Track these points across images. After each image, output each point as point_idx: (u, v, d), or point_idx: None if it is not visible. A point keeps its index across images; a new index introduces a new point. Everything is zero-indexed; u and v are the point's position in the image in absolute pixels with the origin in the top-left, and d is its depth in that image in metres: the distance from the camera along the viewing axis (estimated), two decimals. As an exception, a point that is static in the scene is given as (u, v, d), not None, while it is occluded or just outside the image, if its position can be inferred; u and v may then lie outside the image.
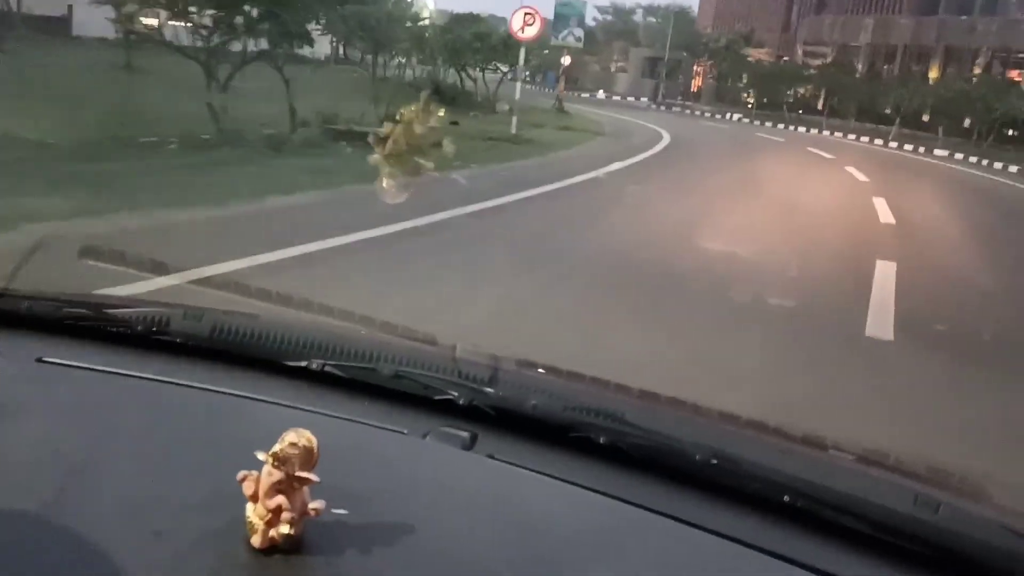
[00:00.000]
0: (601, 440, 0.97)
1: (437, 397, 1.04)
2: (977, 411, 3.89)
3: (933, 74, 40.01)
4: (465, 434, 0.99)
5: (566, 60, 60.63)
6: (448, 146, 1.15)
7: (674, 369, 3.77)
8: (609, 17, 64.11)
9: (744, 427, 1.07)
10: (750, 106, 47.40)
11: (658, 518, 0.87)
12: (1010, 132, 30.08)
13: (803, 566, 0.82)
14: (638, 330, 4.46)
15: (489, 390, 1.03)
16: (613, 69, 63.68)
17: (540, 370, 1.16)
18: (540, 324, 4.44)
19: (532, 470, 0.93)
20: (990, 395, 4.18)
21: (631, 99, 53.92)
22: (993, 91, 27.68)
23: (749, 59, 45.10)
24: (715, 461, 0.92)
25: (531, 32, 16.23)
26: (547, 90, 63.78)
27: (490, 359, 1.10)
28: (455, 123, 12.81)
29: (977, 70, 38.88)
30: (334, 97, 13.19)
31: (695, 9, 67.37)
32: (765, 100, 43.15)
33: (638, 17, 62.22)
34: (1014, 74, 34.30)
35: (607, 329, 4.48)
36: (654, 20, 56.49)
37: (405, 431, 0.99)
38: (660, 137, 21.39)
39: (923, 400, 4.01)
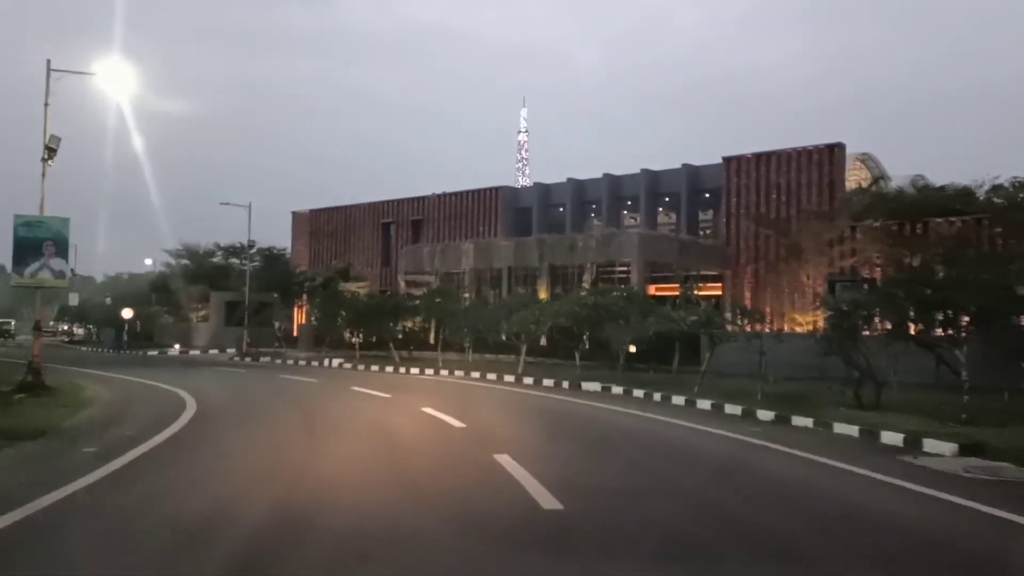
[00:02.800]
0: None
1: None
2: None
3: (543, 294, 36.63)
4: None
5: (127, 313, 49.98)
6: None
7: None
8: (185, 261, 55.07)
9: None
10: (356, 346, 40.56)
11: None
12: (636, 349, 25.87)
13: None
14: None
15: None
16: (196, 319, 53.94)
17: None
18: None
19: None
20: None
21: (214, 352, 44.41)
22: (626, 303, 23.14)
23: (346, 294, 38.52)
24: None
25: None
26: (105, 351, 52.04)
27: None
28: None
29: (586, 285, 36.02)
30: None
31: (289, 250, 61.03)
32: (373, 339, 36.60)
33: (218, 259, 54.06)
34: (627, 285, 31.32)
35: None
36: (238, 262, 48.69)
37: None
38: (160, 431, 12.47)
39: None
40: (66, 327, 71.32)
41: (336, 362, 32.24)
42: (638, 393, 19.70)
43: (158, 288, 56.82)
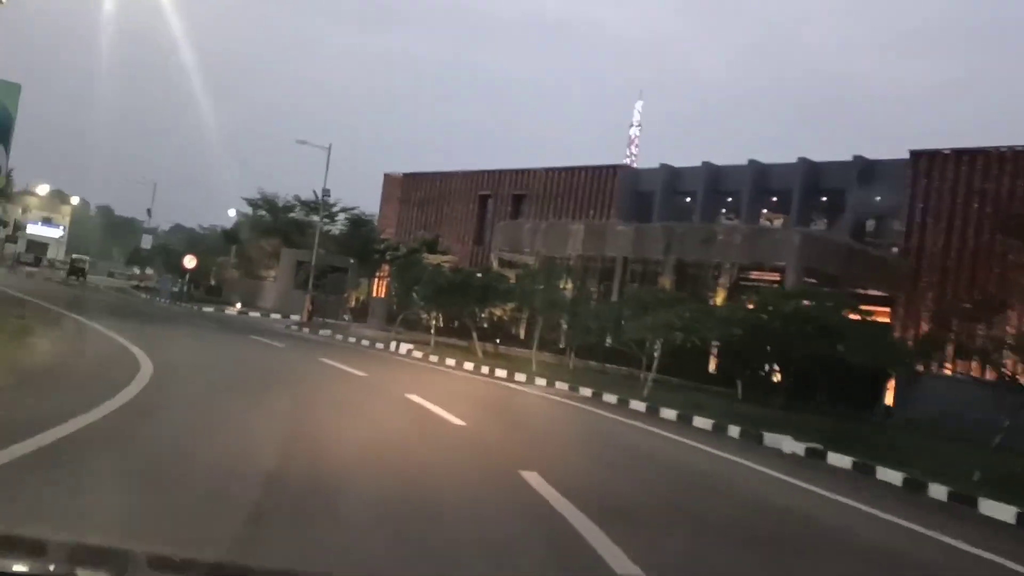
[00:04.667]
0: None
1: None
2: None
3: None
4: None
5: (189, 261, 45.04)
6: None
7: None
8: (263, 212, 49.89)
9: None
10: (432, 330, 34.37)
11: None
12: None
13: None
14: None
15: None
16: (268, 277, 48.79)
17: None
18: None
19: None
20: None
21: (275, 316, 38.91)
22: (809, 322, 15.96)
23: (427, 264, 32.28)
24: None
25: None
26: (161, 301, 47.41)
27: None
28: None
29: (722, 292, 28.81)
30: None
31: (376, 217, 55.43)
32: (455, 323, 30.41)
33: (297, 214, 48.68)
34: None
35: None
36: (318, 219, 43.17)
37: None
38: None
39: None
40: (138, 271, 67.59)
41: (405, 348, 25.97)
42: (891, 475, 11.54)
43: (231, 239, 52.01)
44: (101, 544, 1.83)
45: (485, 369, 21.84)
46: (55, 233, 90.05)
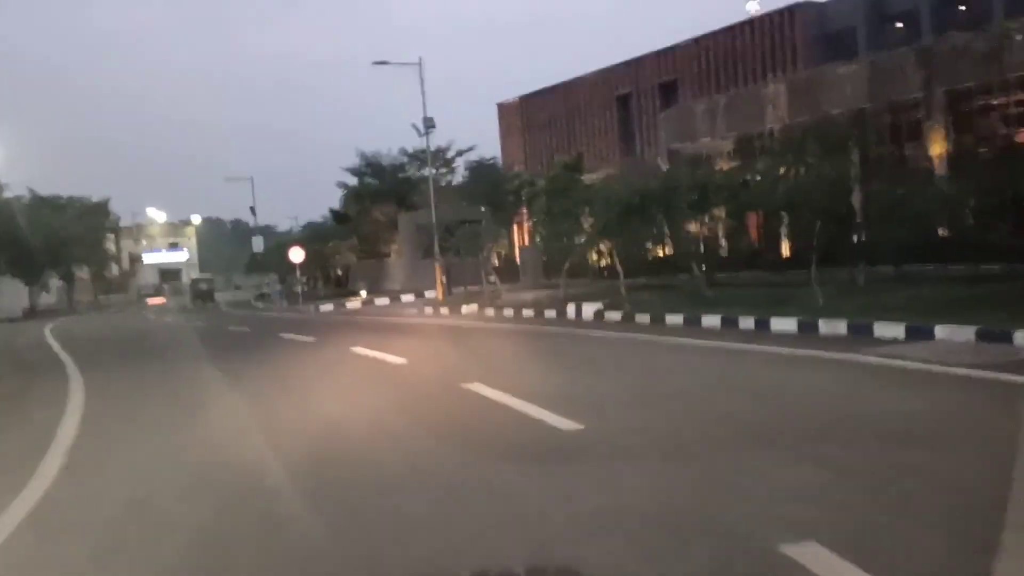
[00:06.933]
0: None
1: None
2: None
3: (937, 147, 19.49)
4: None
5: (296, 255, 37.58)
6: None
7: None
8: (369, 179, 42.07)
9: None
10: (605, 273, 25.48)
11: None
12: None
13: None
14: None
15: None
16: (390, 253, 41.12)
17: None
18: None
19: None
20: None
21: (407, 298, 31.06)
22: None
23: (590, 185, 23.21)
24: None
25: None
26: (280, 306, 40.51)
27: None
28: None
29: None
30: None
31: (499, 158, 46.42)
32: (647, 254, 21.73)
33: (409, 172, 40.53)
34: None
35: None
36: (434, 172, 34.67)
37: None
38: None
39: None
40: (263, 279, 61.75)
41: (588, 310, 17.07)
42: None
43: (341, 218, 44.67)
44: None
45: (747, 324, 12.69)
46: (182, 257, 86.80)
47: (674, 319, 14.39)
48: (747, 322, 12.83)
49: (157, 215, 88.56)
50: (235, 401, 9.44)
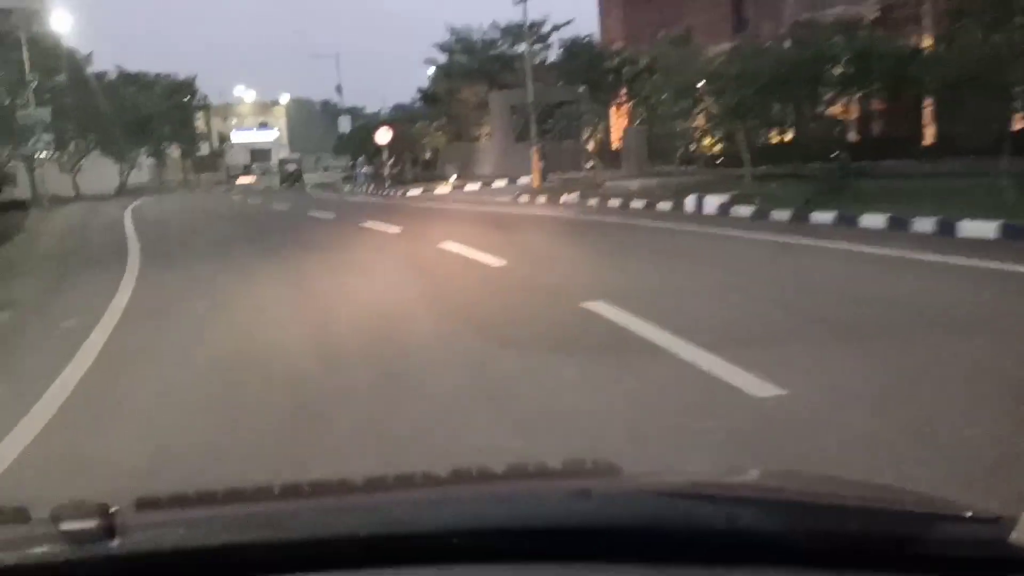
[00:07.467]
0: None
1: None
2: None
3: None
4: None
5: (382, 136, 35.48)
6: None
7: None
8: (460, 57, 39.52)
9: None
10: (718, 161, 22.93)
11: None
12: None
13: None
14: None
15: None
16: (482, 136, 38.91)
17: None
18: None
19: None
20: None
21: (499, 184, 29.11)
22: None
23: (711, 59, 20.37)
24: None
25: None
26: (360, 190, 39.01)
27: None
28: None
29: None
30: None
31: (593, 30, 42.83)
32: (781, 135, 19.16)
33: (501, 48, 37.78)
34: None
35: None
36: (527, 48, 31.88)
37: None
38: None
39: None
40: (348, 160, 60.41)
41: (712, 203, 14.78)
42: None
43: (430, 99, 42.45)
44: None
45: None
46: (271, 136, 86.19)
47: (821, 217, 12.04)
48: (923, 223, 10.42)
49: (246, 94, 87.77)
50: (296, 325, 7.75)
